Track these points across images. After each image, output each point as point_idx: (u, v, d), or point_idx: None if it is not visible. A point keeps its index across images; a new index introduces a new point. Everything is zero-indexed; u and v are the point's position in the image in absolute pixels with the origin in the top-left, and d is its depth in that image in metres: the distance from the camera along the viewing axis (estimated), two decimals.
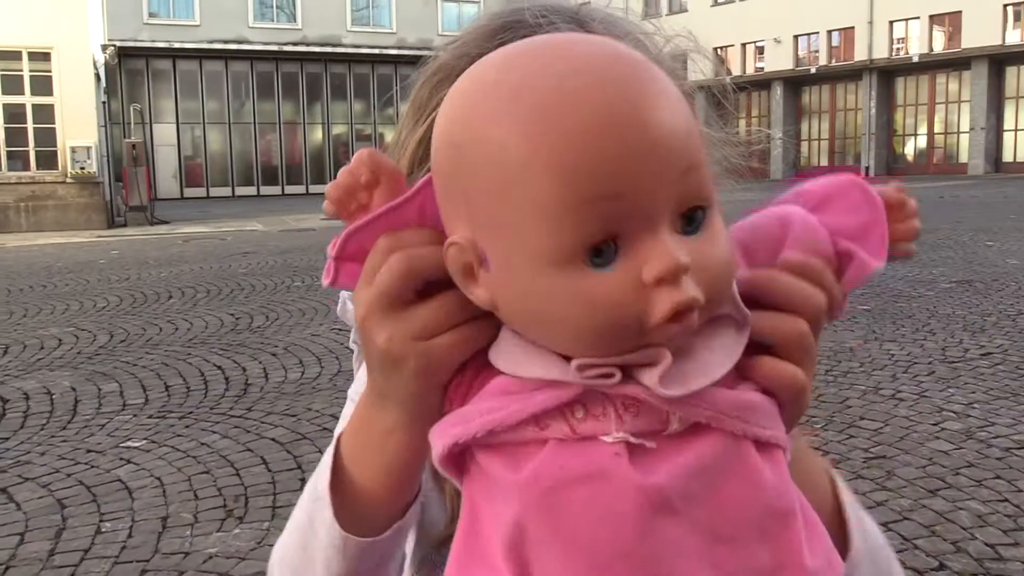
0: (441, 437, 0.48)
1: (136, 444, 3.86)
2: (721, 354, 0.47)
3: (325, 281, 0.51)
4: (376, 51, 32.88)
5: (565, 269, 0.43)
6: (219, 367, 5.20)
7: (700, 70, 0.81)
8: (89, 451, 3.79)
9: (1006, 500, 2.94)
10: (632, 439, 0.44)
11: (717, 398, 0.46)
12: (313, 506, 0.58)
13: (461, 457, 0.48)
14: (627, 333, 0.44)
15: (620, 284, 0.43)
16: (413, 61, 0.70)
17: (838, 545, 0.53)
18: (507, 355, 0.47)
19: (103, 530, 2.97)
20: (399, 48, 32.18)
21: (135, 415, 4.31)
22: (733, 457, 0.46)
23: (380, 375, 0.51)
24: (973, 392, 4.20)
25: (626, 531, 0.43)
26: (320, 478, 0.57)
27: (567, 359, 0.45)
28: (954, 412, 3.91)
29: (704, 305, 0.44)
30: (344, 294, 0.71)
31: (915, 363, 4.78)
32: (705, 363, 0.46)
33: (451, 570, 0.48)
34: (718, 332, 0.47)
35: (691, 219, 0.44)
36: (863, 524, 0.61)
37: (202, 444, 3.81)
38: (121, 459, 3.67)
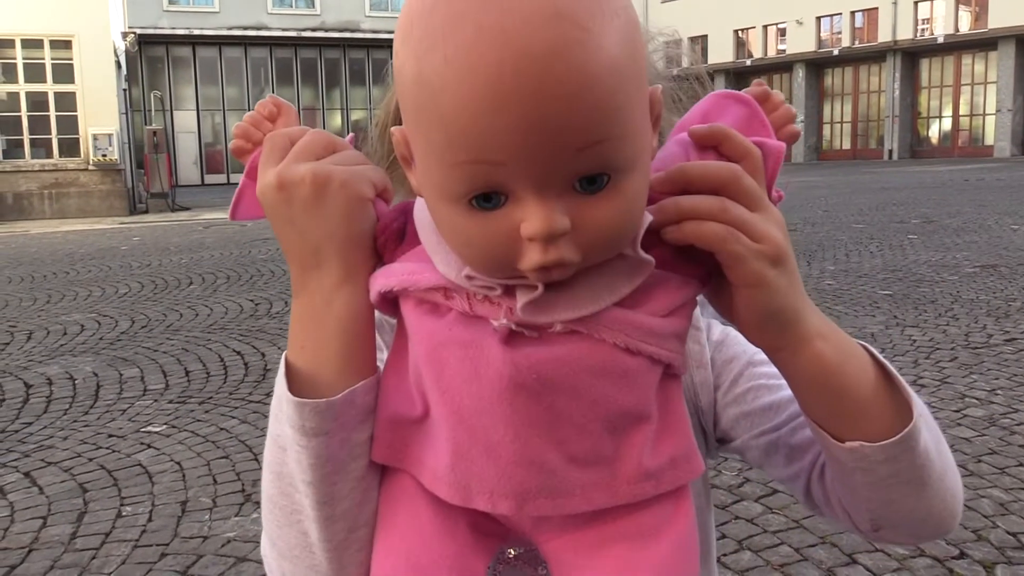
0: (374, 284, 0.56)
1: (156, 429, 3.90)
2: (602, 289, 0.51)
3: (230, 214, 0.61)
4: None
5: (455, 206, 0.49)
6: (238, 352, 5.24)
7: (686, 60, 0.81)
8: (110, 436, 3.83)
9: None
10: (514, 327, 0.51)
11: (601, 315, 0.51)
12: (275, 426, 0.59)
13: (395, 302, 0.57)
14: (500, 269, 0.50)
15: (498, 230, 0.48)
16: None
17: (897, 408, 0.59)
18: (425, 233, 0.55)
19: (124, 514, 3.00)
20: None
21: (155, 400, 4.35)
22: (603, 360, 0.51)
23: (308, 218, 0.55)
24: (996, 379, 4.15)
25: (487, 396, 0.51)
26: (278, 383, 0.59)
27: None
28: (977, 399, 3.86)
29: (577, 263, 0.49)
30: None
31: (937, 349, 4.72)
32: (577, 297, 0.51)
33: (387, 370, 0.58)
34: (608, 270, 0.51)
35: (593, 180, 0.47)
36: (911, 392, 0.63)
37: (221, 429, 3.84)
38: (142, 444, 3.71)
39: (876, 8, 32.32)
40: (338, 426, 0.56)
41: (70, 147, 17.33)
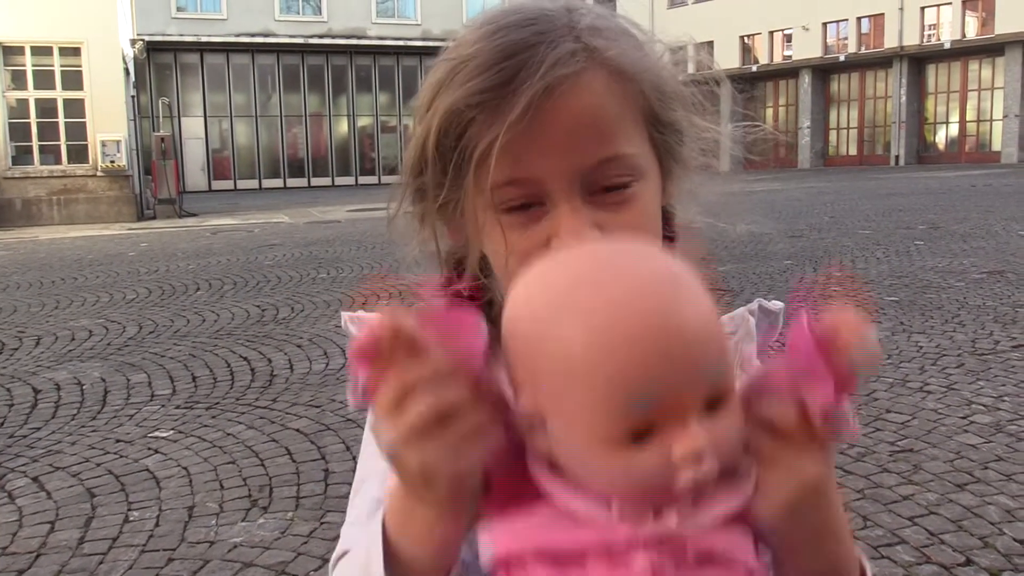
0: (494, 544, 0.58)
1: (164, 434, 3.91)
2: (727, 497, 0.57)
3: (353, 403, 0.57)
4: (401, 43, 32.94)
5: (611, 447, 0.54)
6: (245, 358, 5.26)
7: (695, 64, 0.82)
8: (118, 441, 3.85)
9: None
10: (655, 566, 0.55)
11: (730, 536, 0.57)
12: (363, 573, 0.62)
13: (509, 561, 0.58)
14: (656, 495, 0.54)
15: (654, 461, 0.53)
16: (438, 53, 0.72)
17: None
18: (555, 482, 0.57)
19: (131, 519, 3.02)
20: (424, 40, 32.19)
21: (163, 406, 4.37)
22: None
23: (415, 490, 0.57)
24: (1003, 385, 4.14)
25: None
26: (372, 559, 0.61)
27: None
28: (983, 405, 3.85)
29: (716, 472, 0.54)
30: (344, 315, 0.74)
31: (944, 355, 4.71)
32: (716, 502, 0.56)
33: None
34: (728, 482, 0.57)
35: (713, 404, 0.54)
36: None
37: (228, 435, 3.86)
38: (149, 449, 3.72)
39: (883, 14, 32.29)
40: None
41: (78, 153, 17.41)
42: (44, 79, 17.21)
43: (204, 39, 31.24)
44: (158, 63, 31.00)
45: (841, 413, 0.56)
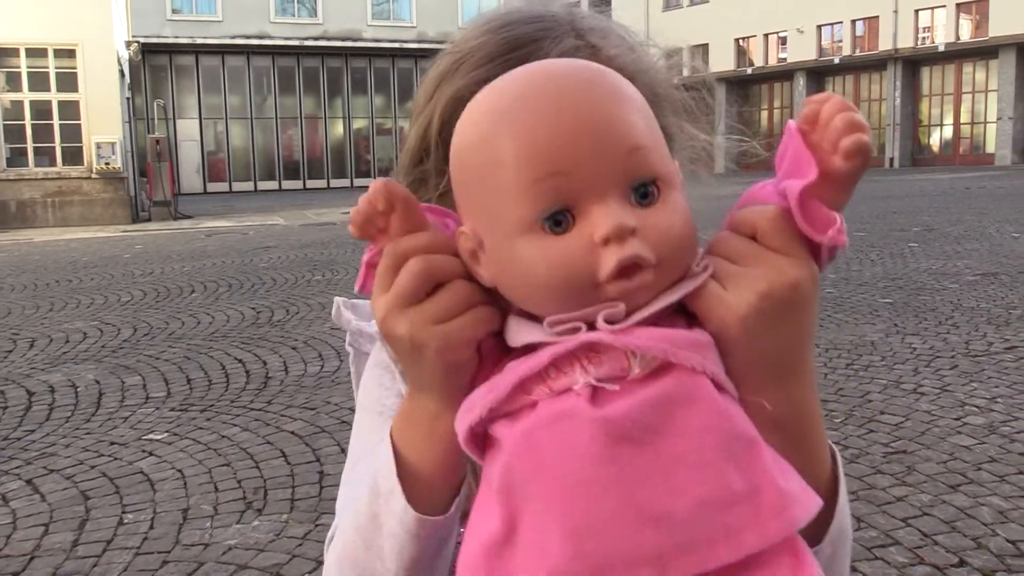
0: (460, 424, 0.55)
1: (158, 437, 3.91)
2: (673, 288, 0.53)
3: (357, 287, 0.59)
4: (396, 45, 32.95)
5: (529, 236, 0.52)
6: (240, 360, 5.25)
7: (687, 67, 0.82)
8: (112, 443, 3.84)
9: None
10: (595, 382, 0.51)
11: (671, 335, 0.52)
12: (376, 502, 0.62)
13: (482, 438, 0.55)
14: (583, 288, 0.51)
15: (574, 245, 0.51)
16: (433, 55, 0.73)
17: (825, 512, 0.59)
18: (510, 331, 0.56)
19: (125, 521, 3.01)
20: (419, 42, 32.20)
21: (157, 408, 4.36)
22: (693, 389, 0.51)
23: (410, 366, 0.58)
24: (996, 386, 4.15)
25: (587, 459, 0.49)
26: (381, 475, 0.62)
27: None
28: (977, 407, 3.86)
29: (656, 265, 0.51)
30: (337, 301, 0.75)
31: (938, 357, 4.73)
32: (650, 306, 0.52)
33: (469, 524, 0.56)
34: (674, 288, 0.53)
35: (644, 193, 0.52)
36: (845, 505, 0.64)
37: (223, 437, 3.85)
38: (143, 451, 3.72)
39: (877, 16, 32.39)
40: (446, 533, 0.63)
41: (73, 155, 17.38)
42: (39, 81, 17.18)
43: (199, 41, 31.22)
44: (153, 65, 30.96)
45: (824, 205, 0.52)
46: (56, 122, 17.26)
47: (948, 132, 32.52)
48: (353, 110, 34.31)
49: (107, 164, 17.12)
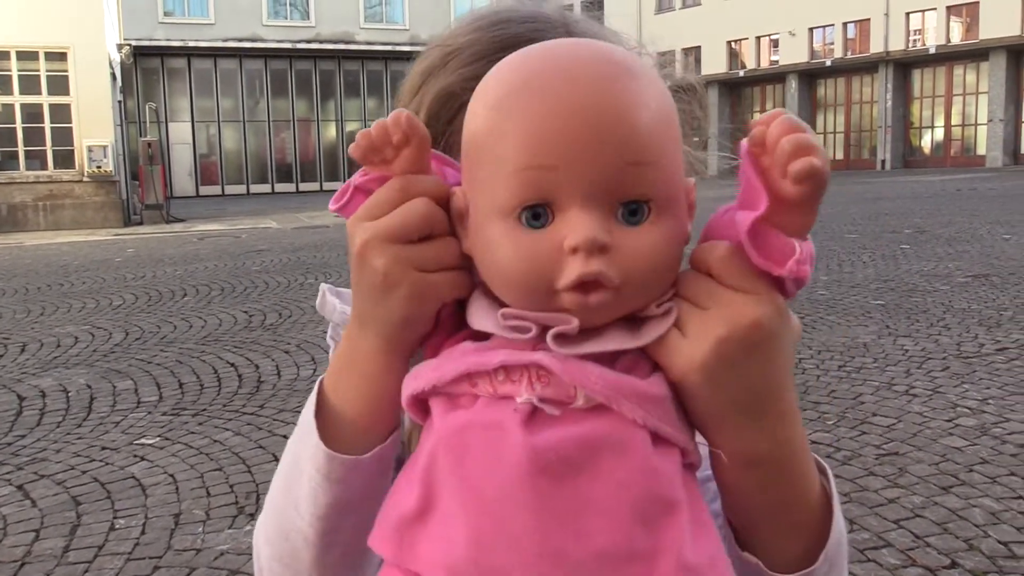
0: (405, 387, 0.55)
1: (150, 441, 3.89)
2: (627, 335, 0.51)
3: (333, 206, 0.57)
4: (389, 48, 32.91)
5: (507, 222, 0.51)
6: (232, 364, 5.24)
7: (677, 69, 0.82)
8: (104, 448, 3.82)
9: (1020, 497, 2.92)
10: (536, 402, 0.50)
11: (620, 382, 0.50)
12: (298, 445, 0.61)
13: (424, 403, 0.55)
14: (540, 290, 0.50)
15: (544, 245, 0.50)
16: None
17: (819, 532, 0.58)
18: (471, 307, 0.55)
19: (117, 527, 3.00)
20: (412, 44, 32.17)
21: (149, 412, 4.35)
22: (627, 440, 0.50)
23: (369, 300, 0.55)
24: (988, 388, 4.17)
25: (509, 479, 0.49)
26: (305, 411, 0.60)
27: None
28: (968, 408, 3.88)
29: (619, 288, 0.49)
30: (324, 287, 0.73)
31: (929, 358, 4.74)
32: (605, 337, 0.51)
33: (395, 483, 0.56)
34: (637, 325, 0.52)
35: (635, 211, 0.50)
36: (840, 521, 0.61)
37: (215, 441, 3.84)
38: (135, 456, 3.70)
39: (868, 19, 32.51)
40: (362, 480, 0.60)
41: (65, 159, 17.31)
42: (30, 84, 17.11)
43: (191, 44, 31.13)
44: (145, 68, 30.87)
45: (782, 233, 0.49)
46: (47, 125, 17.19)
47: (939, 134, 32.64)
48: (346, 113, 34.26)
49: (99, 167, 17.06)
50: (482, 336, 0.54)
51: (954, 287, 6.81)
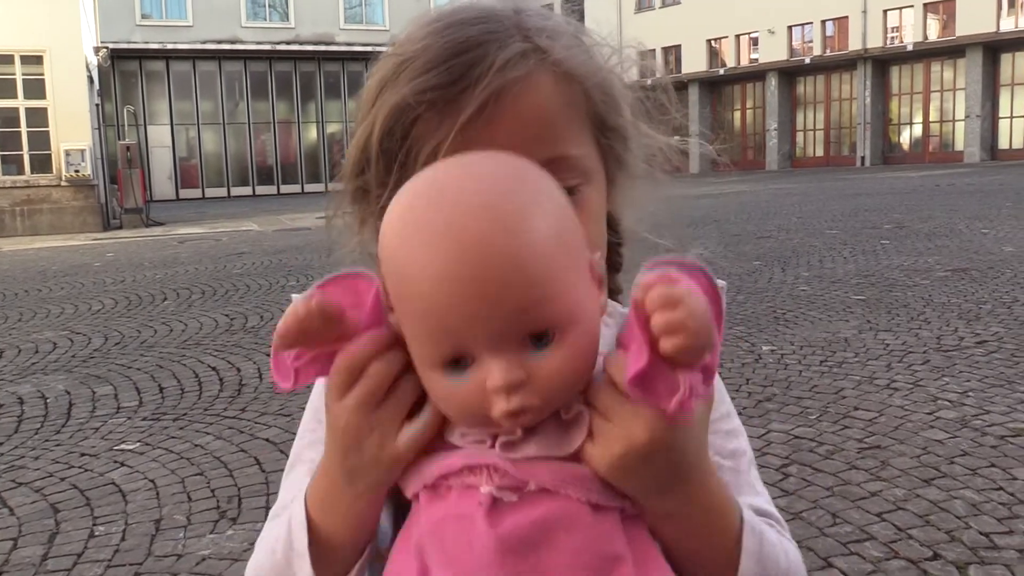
0: (408, 487, 0.63)
1: (130, 447, 3.85)
2: (561, 440, 0.59)
3: (288, 387, 0.61)
4: (369, 48, 32.35)
5: (436, 372, 0.57)
6: (213, 368, 5.19)
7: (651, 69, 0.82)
8: (83, 455, 3.78)
9: (1001, 488, 2.94)
10: (496, 493, 0.58)
11: (562, 471, 0.59)
12: (290, 554, 0.66)
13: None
14: (479, 419, 0.57)
15: (469, 390, 0.56)
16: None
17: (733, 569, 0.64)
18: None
19: (96, 534, 2.96)
20: (392, 45, 32.06)
21: (129, 418, 4.30)
22: (572, 515, 0.59)
23: (359, 466, 0.61)
24: (968, 380, 4.20)
25: (482, 560, 0.58)
26: (296, 534, 0.65)
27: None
28: (949, 401, 3.90)
29: (540, 406, 0.56)
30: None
31: (910, 352, 4.77)
32: (546, 442, 0.58)
33: (393, 551, 0.64)
34: (569, 423, 0.59)
35: (541, 337, 0.55)
36: (764, 550, 0.64)
37: (196, 446, 3.80)
38: (115, 462, 3.66)
39: (846, 17, 32.75)
40: None
41: (42, 163, 17.13)
42: (6, 88, 16.92)
43: (170, 46, 30.91)
44: (123, 71, 30.60)
45: (668, 370, 0.53)
46: (24, 129, 17.01)
47: (918, 130, 32.93)
48: (327, 114, 34.13)
49: (77, 171, 16.89)
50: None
51: (934, 282, 6.87)
